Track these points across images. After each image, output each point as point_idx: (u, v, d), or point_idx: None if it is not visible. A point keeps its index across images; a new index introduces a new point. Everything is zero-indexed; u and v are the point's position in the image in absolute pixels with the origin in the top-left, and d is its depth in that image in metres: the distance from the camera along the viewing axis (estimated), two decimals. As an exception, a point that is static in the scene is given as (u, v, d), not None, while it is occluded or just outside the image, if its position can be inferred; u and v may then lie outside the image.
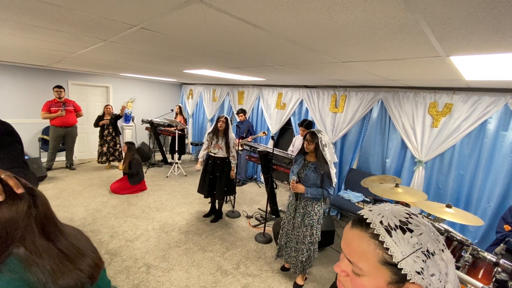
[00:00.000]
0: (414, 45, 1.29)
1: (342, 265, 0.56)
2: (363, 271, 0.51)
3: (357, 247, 0.52)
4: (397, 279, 0.49)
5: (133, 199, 4.25)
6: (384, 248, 0.49)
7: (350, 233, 0.55)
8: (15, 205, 0.66)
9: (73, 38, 1.91)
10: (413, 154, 3.34)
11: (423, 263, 0.48)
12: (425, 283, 0.47)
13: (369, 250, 0.50)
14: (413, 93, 3.30)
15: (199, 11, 1.09)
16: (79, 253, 0.78)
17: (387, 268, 0.49)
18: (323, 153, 2.26)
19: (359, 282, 0.52)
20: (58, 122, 5.00)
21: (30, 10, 1.27)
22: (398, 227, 0.50)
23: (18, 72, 5.24)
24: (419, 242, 0.49)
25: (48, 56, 3.34)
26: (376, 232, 0.50)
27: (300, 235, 2.43)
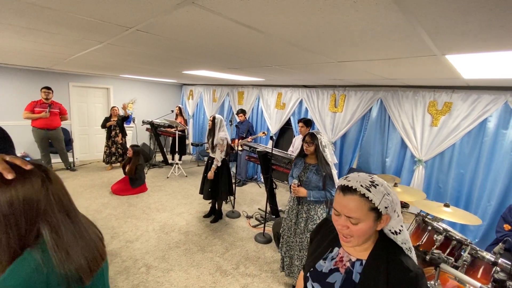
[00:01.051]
0: (408, 44, 1.29)
1: (342, 222, 0.81)
2: (359, 219, 0.78)
3: (353, 206, 0.78)
4: (378, 216, 0.79)
5: (133, 200, 4.27)
6: (370, 200, 0.77)
7: (345, 199, 0.80)
8: (29, 181, 0.67)
9: (71, 41, 1.93)
10: (413, 153, 3.33)
11: (388, 200, 0.78)
12: (389, 213, 0.79)
13: (361, 204, 0.78)
14: (413, 92, 3.29)
15: (192, 12, 1.10)
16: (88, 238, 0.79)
17: (372, 211, 0.78)
18: (324, 154, 2.19)
19: (357, 227, 0.79)
20: (40, 124, 4.78)
21: (27, 13, 1.28)
22: (371, 185, 0.78)
23: (19, 74, 5.28)
24: (383, 190, 0.79)
25: (48, 59, 3.36)
26: (362, 192, 0.78)
27: (304, 241, 2.31)
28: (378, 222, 0.80)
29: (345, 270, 0.87)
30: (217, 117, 3.46)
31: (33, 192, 0.68)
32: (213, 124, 3.44)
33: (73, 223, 0.76)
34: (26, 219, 0.67)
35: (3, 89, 5.15)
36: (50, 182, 0.72)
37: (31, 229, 0.68)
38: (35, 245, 0.68)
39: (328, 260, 0.92)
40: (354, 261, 0.86)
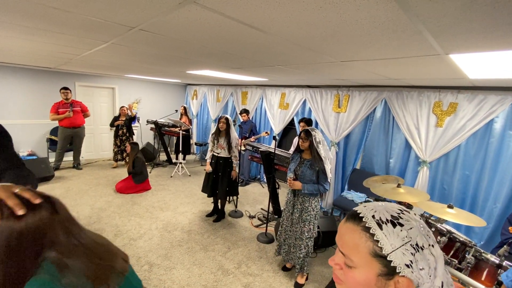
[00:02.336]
0: (411, 43, 1.28)
1: (336, 259, 0.58)
2: (355, 262, 0.53)
3: (349, 240, 0.54)
4: (387, 272, 0.50)
5: (137, 198, 4.31)
6: (375, 240, 0.51)
7: (344, 227, 0.57)
8: (38, 214, 0.71)
9: (76, 40, 1.96)
10: (417, 154, 3.29)
11: (412, 256, 0.49)
12: (415, 277, 0.49)
13: (361, 242, 0.52)
14: (417, 92, 3.26)
15: (194, 12, 1.11)
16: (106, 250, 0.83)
17: (377, 260, 0.51)
18: (318, 150, 2.33)
19: (350, 274, 0.54)
20: (66, 123, 5.08)
21: (34, 13, 1.31)
22: (389, 221, 0.51)
23: (26, 74, 5.36)
24: (409, 236, 0.50)
25: (55, 58, 3.42)
26: (368, 225, 0.52)
27: (298, 230, 2.50)
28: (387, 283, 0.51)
29: None
30: (229, 117, 3.50)
31: (43, 224, 0.71)
32: (227, 124, 3.45)
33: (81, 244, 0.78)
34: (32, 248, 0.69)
35: (12, 88, 5.24)
36: (57, 212, 0.76)
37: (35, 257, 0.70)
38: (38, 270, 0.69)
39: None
40: None
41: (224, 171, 3.53)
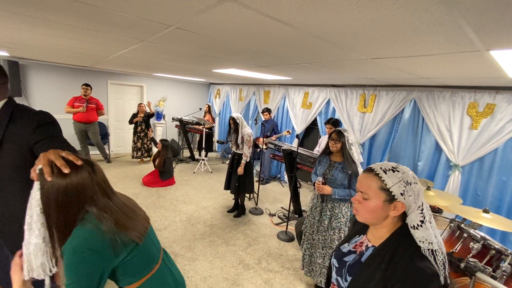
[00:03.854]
0: (449, 39, 1.24)
1: (357, 197, 0.90)
2: (369, 195, 0.85)
3: (366, 182, 0.87)
4: (389, 199, 0.82)
5: (162, 192, 4.49)
6: (382, 180, 0.83)
7: (362, 176, 0.90)
8: (80, 173, 0.87)
9: (114, 39, 2.09)
10: (449, 157, 3.14)
11: (404, 188, 0.81)
12: (406, 201, 0.81)
13: (373, 182, 0.85)
14: (450, 93, 3.11)
15: (230, 9, 1.15)
16: (131, 210, 1.01)
17: (383, 192, 0.83)
18: (350, 152, 2.18)
19: (366, 203, 0.86)
20: (78, 118, 5.21)
21: (83, 13, 1.43)
22: (390, 169, 0.83)
23: (64, 72, 5.77)
24: (402, 176, 0.82)
25: (92, 57, 3.66)
26: (377, 172, 0.85)
27: (327, 239, 2.31)
28: (389, 206, 0.83)
29: (359, 252, 0.93)
30: (237, 116, 3.56)
31: (83, 182, 0.88)
32: (235, 123, 3.55)
33: (114, 203, 0.96)
34: (76, 201, 0.86)
35: (49, 85, 5.66)
36: (95, 173, 0.92)
37: (80, 211, 0.88)
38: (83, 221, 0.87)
39: (351, 243, 1.00)
40: (369, 247, 0.91)
41: (237, 167, 3.63)
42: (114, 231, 0.88)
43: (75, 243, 0.83)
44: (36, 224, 0.85)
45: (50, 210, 0.84)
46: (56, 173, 0.84)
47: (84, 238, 0.84)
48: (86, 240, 0.84)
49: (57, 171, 0.84)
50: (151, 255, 1.02)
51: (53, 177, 0.83)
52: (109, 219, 0.89)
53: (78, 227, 0.86)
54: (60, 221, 0.85)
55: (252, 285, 2.46)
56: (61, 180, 0.83)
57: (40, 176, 0.84)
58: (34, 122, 1.22)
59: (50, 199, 0.83)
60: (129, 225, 0.94)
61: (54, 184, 0.83)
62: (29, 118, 1.23)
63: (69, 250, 0.82)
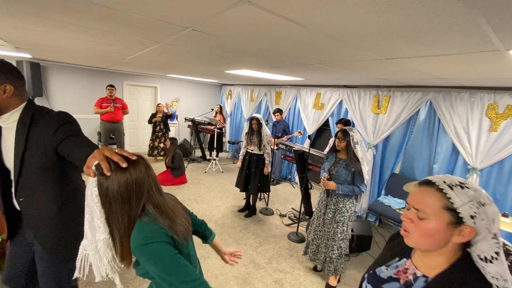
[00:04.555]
0: (468, 38, 1.21)
1: (409, 214, 0.74)
2: (428, 214, 0.69)
3: (424, 198, 0.70)
4: (454, 221, 0.66)
5: (175, 190, 4.58)
6: (447, 197, 0.67)
7: (419, 189, 0.73)
8: (138, 168, 0.87)
9: (134, 41, 2.16)
10: (466, 160, 3.05)
11: (476, 209, 0.64)
12: (476, 227, 0.64)
13: (435, 199, 0.69)
14: (468, 94, 3.02)
15: (247, 11, 1.18)
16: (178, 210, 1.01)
17: (448, 212, 0.67)
18: (355, 150, 2.27)
19: (423, 224, 0.70)
20: (106, 118, 5.46)
21: (101, 15, 1.49)
22: (458, 185, 0.68)
23: (83, 73, 5.98)
24: (474, 195, 0.65)
25: (109, 59, 3.78)
26: (441, 187, 0.68)
27: (331, 231, 2.45)
28: (454, 231, 0.66)
29: (405, 282, 0.77)
30: (260, 117, 3.58)
31: (141, 176, 0.87)
32: (259, 124, 3.55)
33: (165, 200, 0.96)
34: (137, 196, 0.86)
35: (68, 85, 5.87)
36: (150, 169, 0.92)
37: (139, 204, 0.88)
38: (142, 216, 0.88)
39: (391, 268, 0.84)
40: (419, 276, 0.75)
41: (257, 167, 3.63)
42: (170, 224, 0.88)
43: (142, 235, 0.83)
44: (100, 220, 0.85)
45: (112, 206, 0.84)
46: (115, 168, 0.83)
47: (149, 229, 0.84)
48: (151, 231, 0.84)
49: (115, 166, 0.84)
50: (194, 260, 1.01)
51: (113, 172, 0.83)
52: (164, 215, 0.89)
53: (138, 223, 0.86)
54: (123, 216, 0.85)
55: (262, 284, 2.48)
56: (121, 175, 0.83)
57: (98, 172, 0.84)
58: (55, 123, 1.24)
59: (111, 195, 0.83)
60: (178, 223, 0.93)
61: (114, 179, 0.83)
62: (49, 119, 1.25)
63: (140, 245, 0.81)
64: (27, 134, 1.22)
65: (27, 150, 1.23)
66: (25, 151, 1.22)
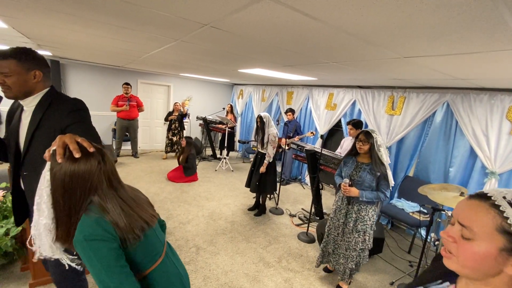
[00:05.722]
0: (493, 36, 1.18)
1: (451, 232, 0.60)
2: (476, 235, 0.55)
3: (474, 214, 0.56)
4: (510, 248, 0.52)
5: (186, 187, 4.64)
6: (504, 217, 0.52)
7: (468, 203, 0.59)
8: (89, 161, 0.87)
9: (152, 38, 2.21)
10: (484, 164, 2.95)
11: None
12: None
13: (488, 217, 0.54)
14: (488, 95, 2.93)
15: (266, 7, 1.19)
16: (137, 204, 1.00)
17: (503, 235, 0.52)
18: (379, 154, 2.12)
19: (468, 246, 0.56)
20: (122, 115, 5.64)
21: (123, 12, 1.53)
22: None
23: (99, 71, 6.15)
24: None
25: (126, 56, 3.88)
26: (498, 203, 0.54)
27: (352, 241, 2.28)
28: (509, 259, 0.53)
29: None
30: (264, 115, 3.57)
31: (90, 170, 0.87)
32: (261, 122, 3.56)
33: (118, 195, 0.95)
34: (81, 189, 0.86)
35: (85, 82, 6.06)
36: (105, 163, 0.92)
37: (84, 198, 0.87)
38: (88, 211, 0.87)
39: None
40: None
41: (259, 166, 3.64)
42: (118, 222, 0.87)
43: (84, 233, 0.82)
44: (46, 204, 0.85)
45: (56, 193, 0.84)
46: (67, 156, 0.84)
47: (91, 226, 0.83)
48: (93, 228, 0.83)
49: (68, 154, 0.84)
50: (155, 249, 1.02)
51: (64, 160, 0.83)
52: (112, 210, 0.88)
53: (83, 217, 0.86)
54: (65, 206, 0.85)
55: (272, 282, 2.48)
56: (69, 165, 0.83)
57: (52, 157, 0.84)
58: (69, 107, 1.36)
59: (56, 182, 0.83)
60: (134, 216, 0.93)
61: (63, 168, 0.83)
62: (64, 103, 1.37)
63: (81, 242, 0.81)
64: (42, 115, 1.32)
65: (38, 129, 1.32)
66: (37, 130, 1.32)
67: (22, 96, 1.32)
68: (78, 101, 1.43)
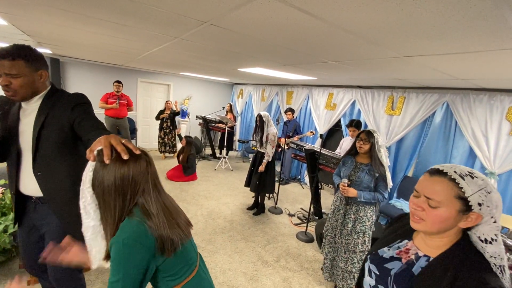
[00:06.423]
0: (492, 34, 1.18)
1: (419, 203, 0.76)
2: (440, 203, 0.72)
3: (435, 187, 0.73)
4: (464, 209, 0.70)
5: (185, 186, 4.63)
6: (459, 187, 0.70)
7: (431, 179, 0.75)
8: (138, 163, 0.85)
9: (152, 36, 2.21)
10: (484, 164, 2.95)
11: (484, 197, 0.69)
12: (482, 213, 0.69)
13: (448, 188, 0.71)
14: (488, 96, 2.93)
15: (266, 5, 1.18)
16: (177, 211, 0.97)
17: (459, 200, 0.70)
18: (379, 154, 2.09)
19: (435, 212, 0.73)
20: (111, 113, 5.47)
21: (122, 9, 1.53)
22: (468, 175, 0.71)
23: (98, 69, 6.14)
24: (483, 184, 0.69)
25: (126, 55, 3.87)
26: (453, 177, 0.71)
27: (351, 243, 2.23)
28: (463, 217, 0.71)
29: (407, 261, 0.82)
30: (264, 114, 3.56)
31: (140, 172, 0.85)
32: (261, 121, 3.55)
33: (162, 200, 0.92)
34: (131, 192, 0.84)
35: (85, 81, 6.05)
36: (151, 166, 0.89)
37: (132, 201, 0.85)
38: (131, 214, 0.85)
39: (393, 249, 0.88)
40: (421, 256, 0.79)
41: (259, 165, 3.63)
42: (161, 227, 0.85)
43: (125, 235, 0.80)
44: (90, 206, 0.84)
45: (105, 195, 0.82)
46: (115, 158, 0.82)
47: (134, 231, 0.81)
48: (135, 232, 0.81)
49: (116, 156, 0.82)
50: (191, 258, 1.00)
51: (112, 161, 0.81)
52: (156, 215, 0.86)
53: (126, 220, 0.84)
54: (115, 208, 0.83)
55: (270, 281, 2.47)
56: (120, 166, 0.81)
57: (98, 158, 0.82)
58: (72, 102, 1.36)
59: (105, 184, 0.81)
60: (174, 224, 0.90)
61: (112, 169, 0.81)
62: (67, 99, 1.38)
63: (118, 243, 0.79)
64: (46, 115, 1.32)
65: (44, 128, 1.31)
66: (43, 128, 1.31)
67: (29, 97, 1.29)
68: (80, 95, 1.43)
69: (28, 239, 1.50)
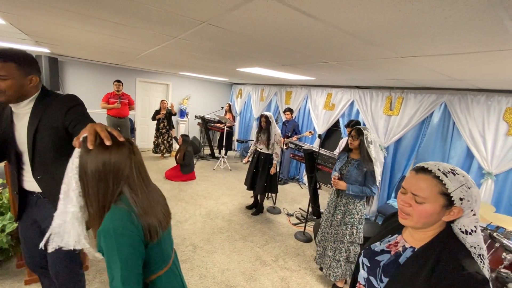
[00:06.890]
0: (489, 35, 1.19)
1: (406, 199, 0.82)
2: (426, 199, 0.77)
3: (420, 184, 0.79)
4: (447, 204, 0.76)
5: (183, 186, 4.63)
6: (443, 184, 0.75)
7: (416, 177, 0.81)
8: (121, 150, 0.87)
9: (150, 36, 2.21)
10: (481, 164, 2.97)
11: (465, 192, 0.74)
12: (463, 207, 0.75)
13: (432, 185, 0.77)
14: (485, 97, 2.94)
15: (263, 5, 1.19)
16: (157, 201, 0.98)
17: (443, 196, 0.76)
18: (368, 150, 2.20)
19: (421, 208, 0.78)
20: (113, 113, 5.47)
21: (121, 8, 1.53)
22: (450, 172, 0.76)
23: (97, 69, 6.11)
24: (463, 180, 0.75)
25: (124, 55, 3.86)
26: (437, 174, 0.77)
27: (339, 233, 2.36)
28: (446, 211, 0.76)
29: (395, 253, 0.88)
30: (270, 115, 3.56)
31: (122, 159, 0.86)
32: (267, 122, 3.55)
33: (147, 189, 0.94)
34: (113, 179, 0.85)
35: (83, 80, 6.03)
36: (134, 154, 0.91)
37: (116, 188, 0.86)
38: (118, 201, 0.86)
39: (384, 243, 0.93)
40: (407, 248, 0.86)
41: (264, 167, 3.62)
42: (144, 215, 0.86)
43: (114, 224, 0.80)
44: (74, 192, 0.84)
45: (88, 181, 0.83)
46: (98, 144, 0.83)
47: (122, 218, 0.81)
48: (124, 220, 0.81)
49: (99, 142, 0.84)
50: (167, 253, 1.00)
51: (95, 148, 0.82)
52: (141, 203, 0.87)
53: (113, 208, 0.84)
54: (98, 193, 0.84)
55: (268, 281, 2.48)
56: (102, 152, 0.83)
57: (83, 144, 0.84)
58: (65, 105, 1.36)
59: (88, 169, 0.82)
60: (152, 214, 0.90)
61: (94, 155, 0.82)
62: (60, 102, 1.37)
63: (108, 232, 0.79)
64: (39, 119, 1.32)
65: (38, 132, 1.32)
66: (37, 133, 1.31)
67: (14, 100, 1.28)
68: (73, 97, 1.43)
69: (29, 234, 1.50)
